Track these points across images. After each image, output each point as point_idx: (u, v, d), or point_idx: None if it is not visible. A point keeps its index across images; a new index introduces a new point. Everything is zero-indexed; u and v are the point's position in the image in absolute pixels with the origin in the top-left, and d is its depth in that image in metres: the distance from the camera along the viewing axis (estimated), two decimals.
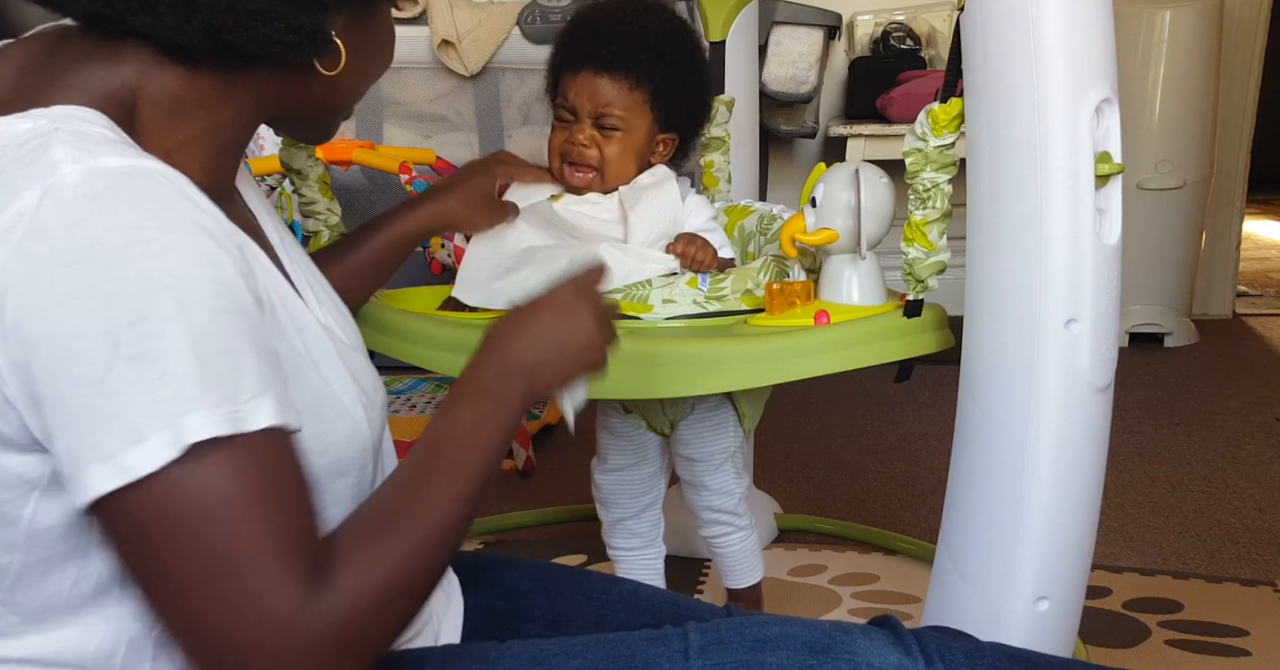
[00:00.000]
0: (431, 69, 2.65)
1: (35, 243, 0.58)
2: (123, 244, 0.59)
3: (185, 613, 0.61)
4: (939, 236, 1.08)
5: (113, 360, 0.58)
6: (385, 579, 0.64)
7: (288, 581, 0.60)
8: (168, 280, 0.59)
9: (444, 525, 0.69)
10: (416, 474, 0.71)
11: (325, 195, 1.27)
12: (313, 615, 0.61)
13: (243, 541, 0.60)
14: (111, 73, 0.69)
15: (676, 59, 1.30)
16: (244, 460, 0.60)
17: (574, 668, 0.76)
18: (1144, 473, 2.16)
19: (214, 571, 0.59)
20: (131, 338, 0.58)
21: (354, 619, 0.63)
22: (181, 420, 0.58)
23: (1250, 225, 4.14)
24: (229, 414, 0.59)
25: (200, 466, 0.59)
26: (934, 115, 1.04)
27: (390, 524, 0.67)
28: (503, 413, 0.75)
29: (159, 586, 0.61)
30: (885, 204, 1.14)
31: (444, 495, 0.69)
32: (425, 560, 0.67)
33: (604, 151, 1.28)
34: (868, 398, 2.66)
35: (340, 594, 0.62)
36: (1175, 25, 2.98)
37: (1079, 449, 1.00)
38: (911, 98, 2.83)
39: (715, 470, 1.42)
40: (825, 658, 0.74)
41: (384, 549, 0.65)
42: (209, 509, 0.59)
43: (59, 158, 0.61)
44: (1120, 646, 1.49)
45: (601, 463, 1.45)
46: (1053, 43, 0.92)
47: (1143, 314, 3.12)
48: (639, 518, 1.45)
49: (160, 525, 0.59)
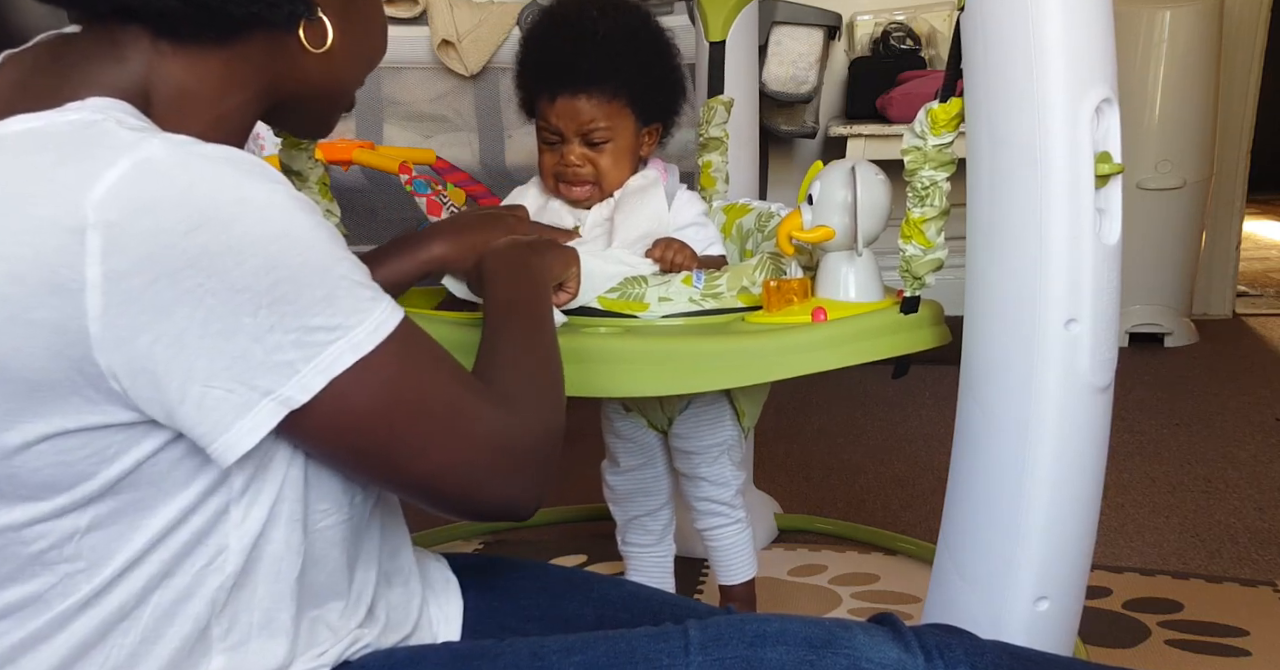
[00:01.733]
0: (431, 69, 2.65)
1: (142, 216, 0.61)
2: (228, 203, 0.63)
3: (420, 468, 0.72)
4: (936, 234, 1.08)
5: (257, 309, 0.64)
6: (544, 397, 0.82)
7: (488, 409, 0.75)
8: (279, 227, 0.65)
9: (545, 356, 0.87)
10: (509, 329, 0.88)
11: (326, 197, 1.27)
12: (517, 429, 0.76)
13: (440, 398, 0.72)
14: (120, 69, 0.71)
15: (644, 55, 1.30)
16: (401, 349, 0.70)
17: (574, 663, 0.76)
18: (1144, 473, 2.16)
19: (430, 429, 0.72)
20: (267, 285, 0.64)
21: (543, 428, 0.79)
22: (331, 348, 0.66)
23: (1250, 225, 4.14)
24: (375, 324, 0.68)
25: (374, 364, 0.68)
26: (933, 114, 1.04)
27: (521, 361, 0.84)
28: (530, 288, 0.97)
29: (389, 460, 0.72)
30: (881, 201, 1.14)
31: (539, 342, 0.88)
32: (557, 385, 0.85)
33: (598, 165, 1.28)
34: (868, 397, 2.66)
35: (524, 410, 0.78)
36: (1175, 25, 2.98)
37: (1079, 449, 1.00)
38: (911, 98, 2.83)
39: (712, 462, 1.43)
40: (824, 653, 0.74)
41: (532, 376, 0.83)
42: (401, 392, 0.70)
43: (129, 139, 0.64)
44: (1120, 646, 1.49)
45: (612, 465, 1.46)
46: (1053, 43, 0.92)
47: (1143, 314, 3.12)
48: (654, 515, 1.48)
49: (368, 414, 0.69)
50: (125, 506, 0.68)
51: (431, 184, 2.25)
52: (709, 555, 1.52)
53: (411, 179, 2.22)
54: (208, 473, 0.69)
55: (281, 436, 0.69)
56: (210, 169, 0.64)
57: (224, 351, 0.64)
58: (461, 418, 0.73)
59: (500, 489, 0.75)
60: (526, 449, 0.76)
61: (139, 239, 0.61)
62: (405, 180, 2.22)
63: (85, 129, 0.64)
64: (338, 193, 1.32)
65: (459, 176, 2.41)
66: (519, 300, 0.94)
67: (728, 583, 1.51)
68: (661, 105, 1.32)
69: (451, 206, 2.26)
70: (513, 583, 0.97)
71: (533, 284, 0.98)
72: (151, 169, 0.62)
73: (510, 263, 1.00)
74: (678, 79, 1.35)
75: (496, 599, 0.94)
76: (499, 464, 0.75)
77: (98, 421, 0.65)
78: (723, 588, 1.52)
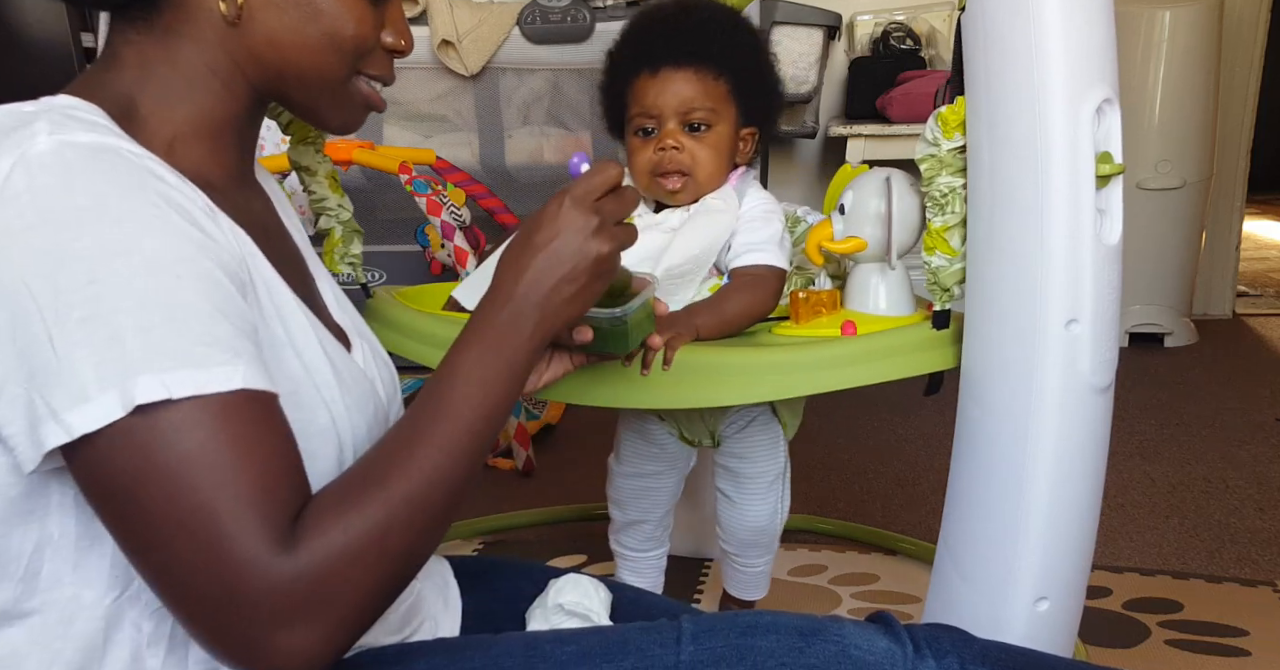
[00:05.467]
0: (431, 69, 2.65)
1: (2, 207, 0.61)
2: (81, 209, 0.61)
3: (158, 561, 0.62)
4: (961, 242, 1.05)
5: (64, 320, 0.60)
6: (357, 534, 0.64)
7: (256, 532, 0.61)
8: (123, 246, 0.61)
9: (430, 480, 0.67)
10: (406, 426, 0.70)
11: (336, 191, 1.26)
12: (280, 567, 0.61)
13: (210, 494, 0.61)
14: (114, 77, 0.74)
15: (747, 48, 1.25)
16: (211, 418, 0.61)
17: (568, 653, 0.76)
18: (1144, 473, 2.16)
19: (182, 522, 0.61)
20: (82, 299, 0.60)
21: (321, 575, 0.62)
22: (130, 381, 0.60)
23: (1250, 225, 4.14)
24: (188, 376, 0.61)
25: (162, 425, 0.60)
26: (943, 117, 1.02)
27: (365, 483, 0.66)
28: (512, 351, 0.73)
29: (133, 537, 0.62)
30: (915, 213, 1.11)
31: (431, 448, 0.68)
32: (402, 520, 0.66)
33: (695, 154, 1.20)
34: (868, 398, 2.66)
35: (305, 551, 0.62)
36: (1175, 25, 2.98)
37: (1079, 449, 1.00)
38: (911, 98, 2.83)
39: (766, 490, 1.35)
40: (813, 640, 0.75)
41: (353, 509, 0.65)
42: (175, 463, 0.60)
43: (38, 131, 0.64)
44: (1120, 646, 1.49)
45: (624, 464, 1.39)
46: (1053, 43, 0.92)
47: (1143, 314, 3.12)
48: (656, 523, 1.43)
49: (128, 478, 0.60)
50: None
51: (431, 184, 2.25)
52: (725, 571, 1.48)
53: (411, 179, 2.22)
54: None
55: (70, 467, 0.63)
56: (93, 174, 0.63)
57: (30, 355, 0.60)
58: (210, 528, 0.61)
59: (241, 637, 0.62)
60: (286, 600, 0.61)
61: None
62: (405, 180, 2.22)
63: (9, 119, 0.66)
64: None
65: (459, 176, 2.41)
66: (470, 383, 0.72)
67: (737, 597, 1.50)
68: (761, 107, 1.26)
69: (451, 206, 2.26)
70: (512, 585, 0.96)
71: (508, 370, 0.73)
72: (30, 164, 0.62)
73: (508, 331, 0.74)
74: (776, 82, 1.29)
75: (495, 602, 0.95)
76: (242, 606, 0.61)
77: None
78: (727, 595, 1.52)
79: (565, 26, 2.58)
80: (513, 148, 2.76)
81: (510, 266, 0.76)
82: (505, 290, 0.75)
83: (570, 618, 0.89)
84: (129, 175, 0.64)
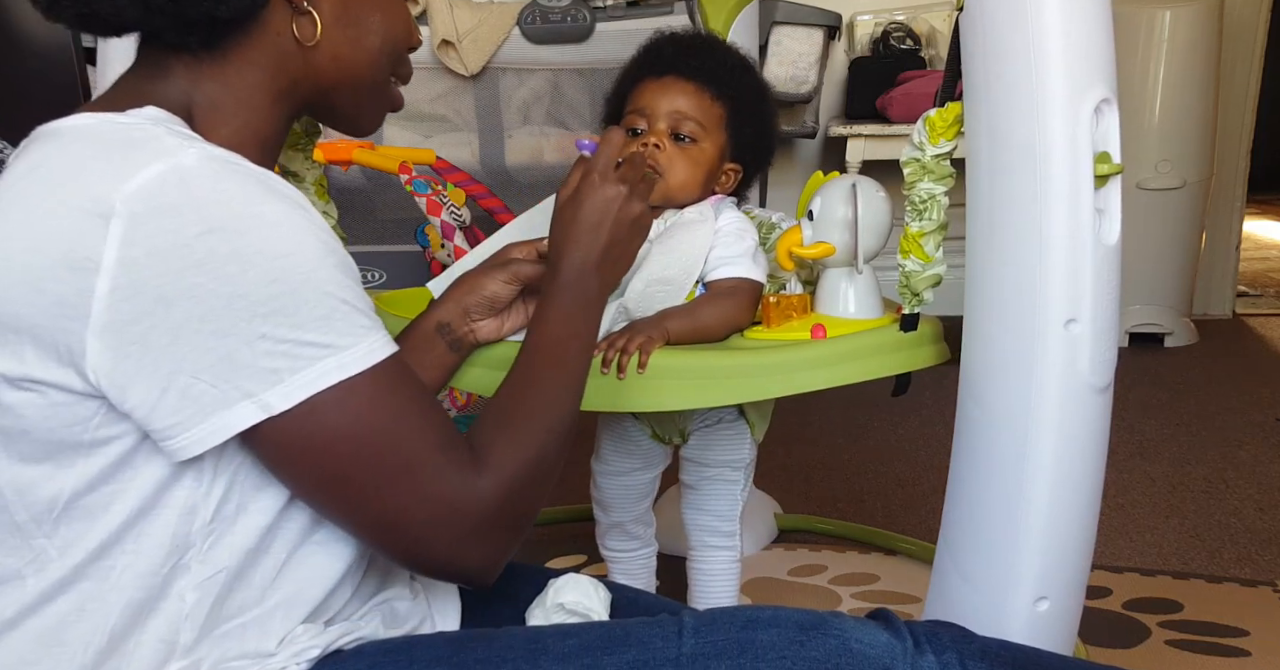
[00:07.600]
0: (431, 69, 2.65)
1: (163, 215, 0.65)
2: (244, 216, 0.67)
3: (373, 508, 0.72)
4: (935, 249, 1.07)
5: (253, 315, 0.66)
6: (524, 457, 0.77)
7: (451, 467, 0.73)
8: (287, 246, 0.68)
9: (559, 407, 0.83)
10: (525, 373, 0.84)
11: (322, 198, 1.27)
12: (477, 493, 0.74)
13: (410, 442, 0.72)
14: (166, 85, 0.77)
15: (752, 87, 1.28)
16: (391, 380, 0.72)
17: (570, 646, 0.78)
18: (1144, 473, 2.16)
19: (391, 469, 0.71)
20: (266, 296, 0.67)
21: (509, 492, 0.75)
22: (322, 361, 0.68)
23: (1250, 225, 4.14)
24: (365, 348, 0.70)
25: (363, 392, 0.70)
26: (931, 122, 1.03)
27: (515, 415, 0.80)
28: (587, 308, 0.89)
29: (344, 492, 0.72)
30: (882, 218, 1.13)
31: (552, 384, 0.83)
32: (551, 439, 0.80)
33: (673, 159, 1.21)
34: (867, 398, 2.66)
35: (494, 473, 0.75)
36: (1175, 25, 2.98)
37: (1079, 449, 1.00)
38: (911, 98, 2.83)
39: (725, 482, 1.38)
40: (814, 634, 0.76)
41: (517, 434, 0.78)
42: (375, 423, 0.71)
43: (171, 145, 0.69)
44: (1120, 646, 1.49)
45: (603, 464, 1.43)
46: (1052, 43, 0.92)
47: (1143, 314, 3.12)
48: (637, 521, 1.45)
49: (341, 441, 0.70)
50: (99, 483, 0.70)
51: (431, 184, 2.25)
52: (689, 583, 1.45)
53: (411, 179, 2.22)
54: (164, 468, 0.71)
55: (246, 447, 0.71)
56: (236, 183, 0.68)
57: (215, 349, 0.66)
58: (418, 471, 0.72)
59: (447, 551, 0.75)
60: (487, 515, 0.75)
61: (156, 233, 0.65)
62: (405, 180, 2.22)
63: (132, 130, 0.70)
64: (337, 193, 1.32)
65: (459, 176, 2.40)
66: (564, 337, 0.87)
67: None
68: (751, 148, 1.28)
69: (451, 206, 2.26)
70: (512, 585, 0.96)
71: (587, 323, 0.89)
72: (183, 174, 0.67)
73: (579, 293, 0.89)
74: (772, 130, 1.31)
75: (496, 600, 0.95)
76: (451, 526, 0.74)
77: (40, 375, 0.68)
78: None
79: (565, 26, 2.58)
80: (513, 148, 2.76)
81: (564, 245, 0.90)
82: (566, 267, 0.89)
83: (570, 617, 0.90)
84: (258, 182, 0.70)
